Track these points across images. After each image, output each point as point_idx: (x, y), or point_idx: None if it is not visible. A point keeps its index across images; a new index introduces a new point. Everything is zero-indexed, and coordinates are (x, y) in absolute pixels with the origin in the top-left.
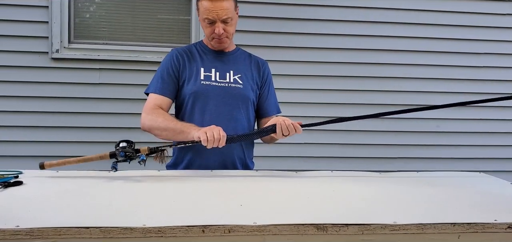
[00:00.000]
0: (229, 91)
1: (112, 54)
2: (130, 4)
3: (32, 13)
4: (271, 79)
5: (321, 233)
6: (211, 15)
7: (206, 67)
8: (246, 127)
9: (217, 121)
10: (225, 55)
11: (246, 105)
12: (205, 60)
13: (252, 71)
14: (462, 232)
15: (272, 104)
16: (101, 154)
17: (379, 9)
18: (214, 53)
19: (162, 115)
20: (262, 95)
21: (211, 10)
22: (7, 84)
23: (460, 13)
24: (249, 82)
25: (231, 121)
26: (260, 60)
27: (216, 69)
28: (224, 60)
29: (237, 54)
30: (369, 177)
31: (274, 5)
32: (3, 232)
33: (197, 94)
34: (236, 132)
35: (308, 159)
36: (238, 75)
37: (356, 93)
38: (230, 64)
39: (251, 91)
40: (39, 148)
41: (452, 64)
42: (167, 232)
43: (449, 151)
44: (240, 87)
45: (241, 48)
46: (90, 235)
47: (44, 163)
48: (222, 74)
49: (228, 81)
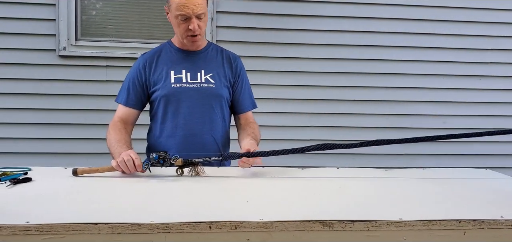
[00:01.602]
0: (201, 91)
1: (119, 52)
2: (136, 1)
3: (39, 11)
4: (244, 74)
5: (327, 229)
6: (186, 10)
7: (176, 69)
8: (223, 126)
9: (191, 123)
10: (195, 55)
11: (220, 104)
12: (175, 61)
13: (224, 67)
14: (468, 229)
15: (247, 99)
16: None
17: (377, 4)
18: (184, 53)
19: (116, 133)
20: (236, 91)
21: (186, 5)
22: (15, 82)
23: (465, 9)
24: (222, 80)
25: (206, 122)
26: (232, 55)
27: (186, 70)
28: (195, 60)
29: (208, 51)
30: (375, 173)
31: (265, 1)
32: (13, 227)
33: (168, 97)
34: (213, 132)
35: (314, 155)
36: (209, 74)
37: (355, 89)
38: (201, 63)
39: (224, 89)
40: (47, 145)
41: (459, 60)
42: (174, 228)
43: (455, 147)
44: (212, 86)
45: (213, 43)
46: (99, 231)
47: (77, 170)
48: (193, 75)
49: (200, 82)
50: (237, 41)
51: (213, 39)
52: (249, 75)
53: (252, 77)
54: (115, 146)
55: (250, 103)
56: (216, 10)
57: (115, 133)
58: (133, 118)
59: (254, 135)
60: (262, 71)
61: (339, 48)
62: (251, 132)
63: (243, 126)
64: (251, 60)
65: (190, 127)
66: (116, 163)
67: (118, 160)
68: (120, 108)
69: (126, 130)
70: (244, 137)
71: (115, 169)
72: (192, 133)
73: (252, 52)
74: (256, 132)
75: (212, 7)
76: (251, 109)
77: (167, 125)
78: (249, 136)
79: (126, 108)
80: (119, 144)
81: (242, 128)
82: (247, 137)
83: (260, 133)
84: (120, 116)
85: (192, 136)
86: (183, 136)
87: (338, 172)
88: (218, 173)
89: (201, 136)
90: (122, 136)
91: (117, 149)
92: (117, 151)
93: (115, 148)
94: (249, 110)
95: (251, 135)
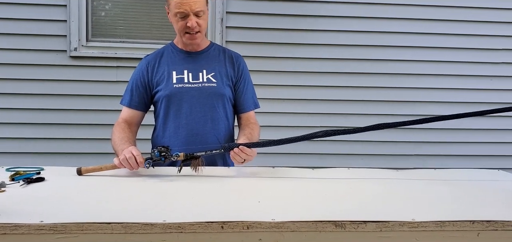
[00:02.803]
0: (203, 91)
1: (129, 52)
2: (147, 2)
3: (51, 12)
4: (247, 74)
5: (339, 230)
6: (183, 7)
7: (178, 69)
8: (227, 124)
9: (193, 123)
10: (197, 55)
11: (223, 103)
12: (176, 62)
13: (226, 67)
14: (482, 230)
15: (249, 99)
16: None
17: (386, 5)
18: (186, 53)
19: (119, 132)
20: (238, 91)
21: (184, 2)
22: (27, 82)
23: (475, 8)
24: (223, 79)
25: (207, 121)
26: (235, 54)
27: (188, 70)
28: (196, 60)
29: (210, 51)
30: (386, 174)
31: (275, 1)
32: (28, 226)
33: (170, 98)
34: (216, 131)
35: (325, 156)
36: (211, 73)
37: (365, 90)
38: (203, 63)
39: (226, 88)
40: (58, 145)
41: (469, 60)
42: (186, 228)
43: (467, 148)
44: (214, 85)
45: (215, 43)
46: (112, 230)
47: (81, 169)
48: (194, 75)
49: (202, 81)
50: (246, 41)
51: (223, 39)
52: (259, 75)
53: (261, 78)
54: (118, 143)
55: (252, 104)
56: (226, 11)
57: (119, 132)
58: (137, 120)
59: (250, 136)
60: (272, 72)
61: (349, 49)
62: (248, 132)
63: (242, 126)
64: (260, 60)
65: (192, 126)
66: (118, 161)
67: (120, 157)
68: (124, 110)
69: (130, 130)
70: (240, 136)
71: (118, 166)
72: (195, 132)
73: (262, 52)
74: (254, 132)
75: (221, 8)
76: (252, 109)
77: (169, 125)
78: (244, 136)
79: (130, 109)
80: (121, 142)
81: (241, 127)
82: (243, 136)
83: (259, 134)
84: (124, 118)
85: (194, 135)
86: (186, 135)
87: (348, 172)
88: (228, 173)
89: (204, 135)
90: (125, 134)
91: (119, 146)
92: (119, 148)
93: (118, 145)
94: (250, 110)
95: (247, 135)
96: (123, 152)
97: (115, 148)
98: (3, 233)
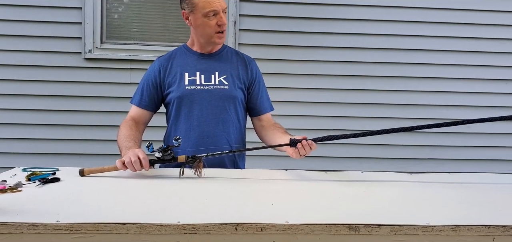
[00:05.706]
0: (214, 93)
1: (143, 54)
2: (161, 5)
3: (66, 14)
4: (261, 77)
5: (353, 233)
6: (215, 5)
7: (191, 71)
8: (238, 127)
9: (204, 125)
10: (210, 57)
11: (234, 105)
12: (189, 64)
13: (238, 69)
14: (497, 235)
15: (265, 102)
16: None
17: (401, 7)
18: (199, 56)
19: (126, 129)
20: (253, 94)
21: (214, 1)
22: (42, 84)
23: (491, 11)
24: (235, 82)
25: (218, 123)
26: (247, 57)
27: (200, 72)
28: (209, 62)
29: (223, 53)
30: (399, 177)
31: (288, 4)
32: (44, 226)
33: (182, 99)
34: (227, 133)
35: (337, 159)
36: (223, 76)
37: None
38: (215, 65)
39: (238, 90)
40: (73, 146)
41: (485, 64)
42: (200, 229)
43: (482, 152)
44: (226, 88)
45: (228, 46)
46: (127, 231)
47: (84, 170)
48: (207, 77)
49: (214, 84)
50: (260, 44)
51: (236, 42)
52: (272, 78)
53: (275, 80)
54: (123, 140)
55: (268, 105)
56: (239, 14)
57: (125, 129)
58: (145, 119)
59: (286, 133)
60: (285, 74)
61: (362, 51)
62: (282, 130)
63: (267, 127)
64: (274, 63)
65: (203, 128)
66: (121, 164)
67: (124, 159)
68: (133, 109)
69: (137, 128)
70: (279, 134)
71: (120, 169)
72: (206, 134)
73: (275, 55)
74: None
75: (234, 11)
76: (269, 111)
77: (181, 127)
78: (283, 134)
79: (139, 109)
80: (127, 139)
81: (267, 128)
82: (281, 134)
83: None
84: (132, 116)
85: (206, 137)
86: (197, 137)
87: (362, 175)
88: (240, 176)
89: (215, 137)
90: (132, 132)
91: (124, 143)
92: (124, 146)
93: (123, 142)
94: (269, 111)
95: (283, 132)
96: (127, 153)
97: (119, 144)
98: (20, 232)
